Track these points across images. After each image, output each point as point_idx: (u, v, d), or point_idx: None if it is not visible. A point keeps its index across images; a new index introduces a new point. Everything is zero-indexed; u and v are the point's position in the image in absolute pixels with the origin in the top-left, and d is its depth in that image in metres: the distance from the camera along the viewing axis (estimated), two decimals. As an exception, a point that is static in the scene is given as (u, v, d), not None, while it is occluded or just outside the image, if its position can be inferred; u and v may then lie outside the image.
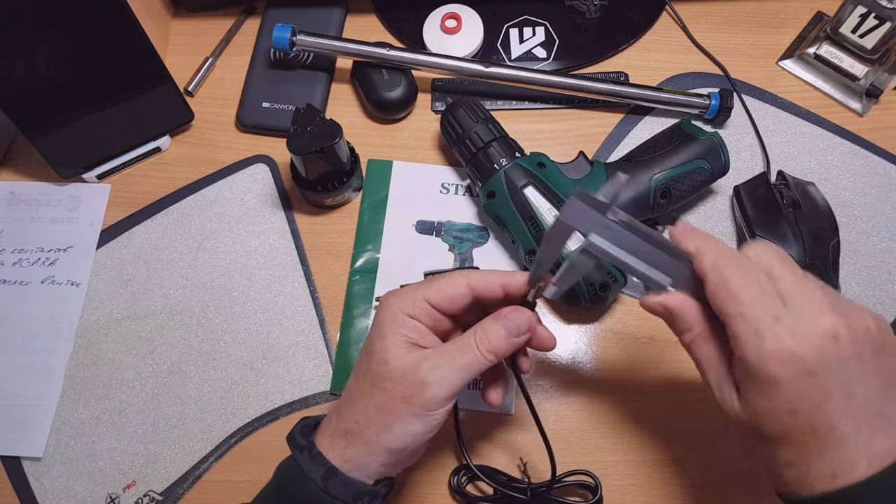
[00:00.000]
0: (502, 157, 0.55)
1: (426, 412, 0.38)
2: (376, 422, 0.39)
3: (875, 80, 0.62)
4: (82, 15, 0.53)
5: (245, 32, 0.69)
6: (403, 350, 0.39)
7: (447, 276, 0.41)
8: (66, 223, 0.61)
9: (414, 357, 0.39)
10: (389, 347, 0.39)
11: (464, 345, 0.39)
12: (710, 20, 0.67)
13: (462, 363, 0.39)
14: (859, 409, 0.33)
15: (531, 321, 0.41)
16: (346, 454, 0.39)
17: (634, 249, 0.38)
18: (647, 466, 0.52)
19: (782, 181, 0.58)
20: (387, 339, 0.39)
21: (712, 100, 0.61)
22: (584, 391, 0.54)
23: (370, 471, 0.39)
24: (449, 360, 0.39)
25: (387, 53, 0.61)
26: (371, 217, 0.60)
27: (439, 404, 0.38)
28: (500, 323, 0.40)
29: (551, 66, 0.65)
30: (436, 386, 0.38)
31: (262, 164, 0.63)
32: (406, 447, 0.39)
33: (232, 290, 0.58)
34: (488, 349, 0.39)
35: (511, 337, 0.40)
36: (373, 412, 0.39)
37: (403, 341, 0.39)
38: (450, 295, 0.41)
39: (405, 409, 0.38)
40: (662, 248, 0.38)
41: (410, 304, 0.40)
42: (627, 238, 0.38)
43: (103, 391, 0.55)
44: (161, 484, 0.52)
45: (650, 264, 0.38)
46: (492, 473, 0.50)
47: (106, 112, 0.58)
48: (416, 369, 0.38)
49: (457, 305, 0.41)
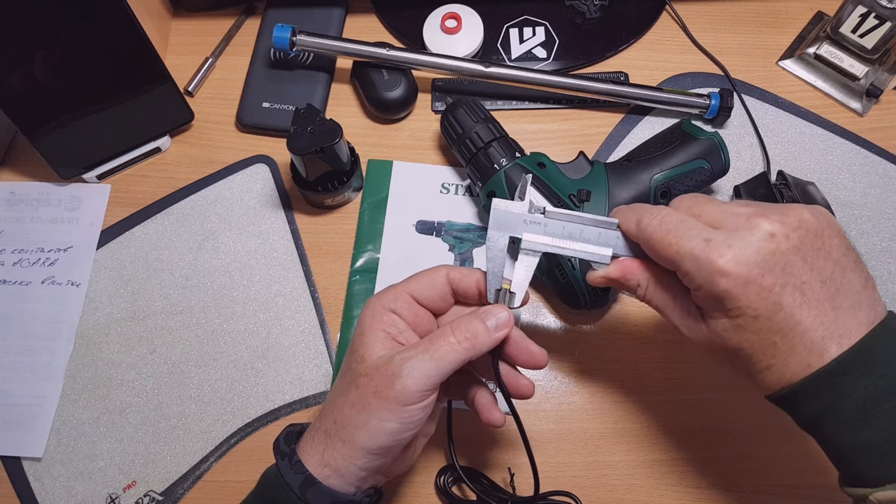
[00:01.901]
0: (502, 157, 0.55)
1: (399, 406, 0.37)
2: (351, 419, 0.38)
3: (875, 80, 0.62)
4: (82, 15, 0.53)
5: (245, 32, 0.69)
6: (380, 346, 0.39)
7: (428, 269, 0.42)
8: (67, 223, 0.61)
9: (389, 352, 0.38)
10: (367, 343, 0.39)
11: (436, 335, 0.39)
12: (710, 20, 0.67)
13: (435, 353, 0.37)
14: (815, 296, 0.35)
15: (510, 316, 0.40)
16: (326, 457, 0.38)
17: (568, 234, 0.40)
18: (647, 466, 0.52)
19: (782, 181, 0.58)
20: (366, 335, 0.39)
21: (712, 100, 0.61)
22: (584, 391, 0.54)
23: (350, 476, 0.38)
24: (421, 351, 0.38)
25: (387, 53, 0.61)
26: (371, 217, 0.60)
27: (412, 397, 0.37)
28: (475, 315, 0.39)
29: (551, 66, 0.65)
30: (406, 377, 0.37)
31: (262, 164, 0.63)
32: (382, 446, 0.38)
33: (232, 290, 0.58)
34: (463, 338, 0.38)
35: (489, 329, 0.39)
36: (348, 409, 0.38)
37: (382, 337, 0.39)
38: (429, 284, 0.41)
39: (377, 403, 0.37)
40: (593, 224, 0.40)
41: (392, 299, 0.40)
42: (557, 226, 0.40)
43: (103, 391, 0.55)
44: (161, 484, 0.52)
45: (586, 242, 0.40)
46: (476, 478, 0.50)
47: (106, 112, 0.58)
48: (388, 363, 0.38)
49: (437, 295, 0.41)
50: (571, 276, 0.52)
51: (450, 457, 0.49)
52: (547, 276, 0.54)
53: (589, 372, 0.55)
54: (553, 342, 0.56)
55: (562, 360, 0.55)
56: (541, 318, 0.57)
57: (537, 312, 0.57)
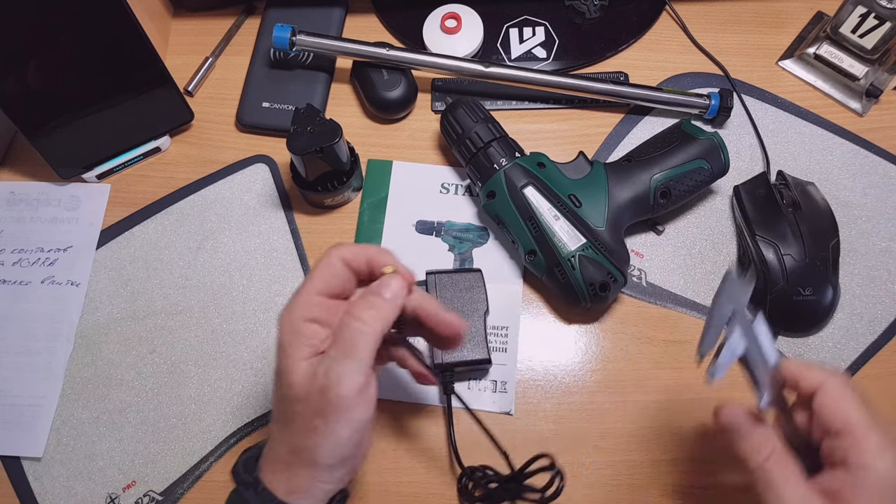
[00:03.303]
0: (502, 157, 0.55)
1: (343, 414, 0.36)
2: (306, 446, 0.37)
3: (875, 80, 0.62)
4: (82, 15, 0.53)
5: (245, 32, 0.69)
6: (305, 364, 0.37)
7: (322, 259, 0.39)
8: (66, 223, 0.61)
9: (310, 368, 0.37)
10: (291, 367, 0.37)
11: (342, 329, 0.37)
12: (710, 20, 0.67)
13: (349, 350, 0.36)
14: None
15: (405, 280, 0.39)
16: (291, 485, 0.38)
17: None
18: (648, 466, 0.52)
19: (782, 181, 0.58)
20: (290, 357, 0.37)
21: (712, 100, 0.61)
22: (585, 391, 0.54)
23: (320, 493, 0.38)
24: (334, 354, 0.37)
25: (387, 53, 0.61)
26: (371, 217, 0.60)
27: (351, 402, 0.36)
28: (367, 290, 0.39)
29: (551, 66, 0.65)
30: (336, 387, 0.36)
31: (262, 164, 0.63)
32: (345, 456, 0.38)
33: (232, 290, 0.58)
34: (366, 318, 0.37)
35: (386, 299, 0.38)
36: (298, 438, 0.37)
37: (306, 354, 0.37)
38: (331, 273, 0.39)
39: (323, 423, 0.36)
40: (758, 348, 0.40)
41: (305, 306, 0.38)
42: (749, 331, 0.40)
43: (103, 391, 0.55)
44: (161, 484, 0.52)
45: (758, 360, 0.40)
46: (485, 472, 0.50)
47: (106, 112, 0.58)
48: (312, 380, 0.36)
49: (341, 282, 0.39)
50: (571, 276, 0.52)
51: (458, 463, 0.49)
52: (547, 276, 0.54)
53: (589, 372, 0.55)
54: (553, 342, 0.56)
55: (562, 361, 0.55)
56: (541, 318, 0.57)
57: (537, 312, 0.57)
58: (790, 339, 0.55)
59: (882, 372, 0.54)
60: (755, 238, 0.55)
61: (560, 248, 0.52)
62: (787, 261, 0.53)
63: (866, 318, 0.55)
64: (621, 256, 0.53)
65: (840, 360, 0.54)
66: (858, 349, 0.55)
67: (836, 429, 0.37)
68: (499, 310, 0.55)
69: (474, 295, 0.54)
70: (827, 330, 0.55)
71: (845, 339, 0.55)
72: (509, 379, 0.54)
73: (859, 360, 0.54)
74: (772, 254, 0.54)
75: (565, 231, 0.52)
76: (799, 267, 0.53)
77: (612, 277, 0.52)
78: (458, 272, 0.55)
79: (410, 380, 0.54)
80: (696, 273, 0.57)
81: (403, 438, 0.53)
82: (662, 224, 0.59)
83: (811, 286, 0.53)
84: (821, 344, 0.55)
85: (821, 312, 0.55)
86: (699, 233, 0.59)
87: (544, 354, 0.55)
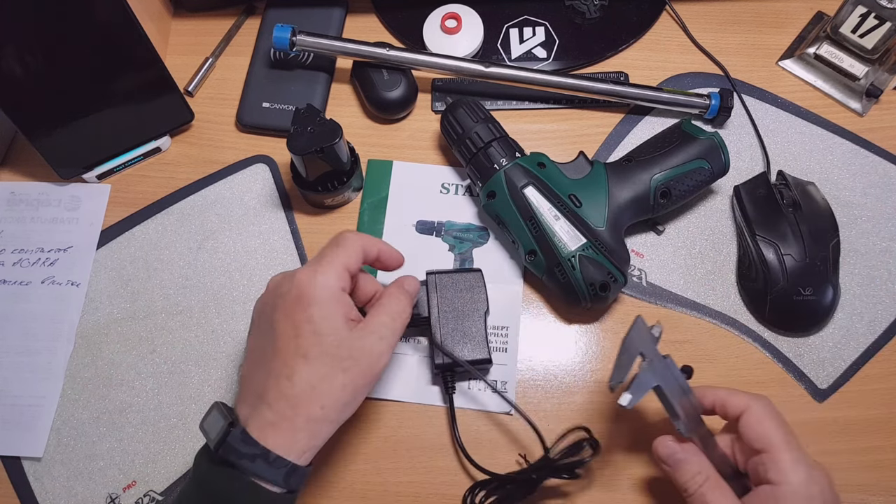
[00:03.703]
0: (502, 157, 0.55)
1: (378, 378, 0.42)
2: (342, 400, 0.40)
3: (875, 80, 0.62)
4: (82, 15, 0.53)
5: (245, 32, 0.69)
6: (347, 329, 0.41)
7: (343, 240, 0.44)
8: (66, 223, 0.61)
9: (361, 332, 0.41)
10: (340, 328, 0.41)
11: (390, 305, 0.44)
12: (710, 20, 0.67)
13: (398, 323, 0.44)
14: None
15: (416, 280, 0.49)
16: (311, 443, 0.40)
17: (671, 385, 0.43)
18: (648, 466, 0.52)
19: (782, 181, 0.58)
20: (333, 318, 0.41)
21: (712, 100, 0.61)
22: (585, 391, 0.54)
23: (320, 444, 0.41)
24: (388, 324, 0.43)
25: (387, 53, 0.61)
26: (371, 217, 0.60)
27: (386, 356, 0.42)
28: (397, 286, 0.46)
29: (551, 66, 0.65)
30: (386, 355, 0.42)
31: (262, 164, 0.63)
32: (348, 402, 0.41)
33: (232, 290, 0.58)
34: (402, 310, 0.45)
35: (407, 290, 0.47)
36: (339, 393, 0.40)
37: (344, 321, 0.41)
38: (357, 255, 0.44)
39: (368, 382, 0.41)
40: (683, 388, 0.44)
41: (340, 277, 0.42)
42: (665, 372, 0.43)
43: (103, 391, 0.55)
44: (161, 484, 0.52)
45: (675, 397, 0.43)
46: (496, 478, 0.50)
47: (106, 112, 0.58)
48: (365, 344, 0.41)
49: (359, 266, 0.45)
50: (571, 276, 0.52)
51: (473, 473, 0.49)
52: (547, 276, 0.54)
53: (589, 372, 0.55)
54: (553, 342, 0.56)
55: (562, 360, 0.55)
56: (541, 318, 0.57)
57: (537, 312, 0.57)
58: (790, 339, 0.55)
59: (882, 372, 0.54)
60: (755, 238, 0.55)
61: (560, 248, 0.52)
62: (787, 261, 0.53)
63: (866, 318, 0.55)
64: (621, 256, 0.53)
65: (840, 360, 0.54)
66: (858, 349, 0.55)
67: (757, 447, 0.41)
68: (499, 310, 0.55)
69: (474, 295, 0.54)
70: (827, 330, 0.55)
71: (845, 339, 0.55)
72: (509, 379, 0.54)
73: (859, 360, 0.54)
74: (772, 254, 0.54)
75: (565, 231, 0.52)
76: (799, 267, 0.53)
77: (613, 277, 0.52)
78: (459, 272, 0.55)
79: (410, 380, 0.54)
80: (696, 273, 0.57)
81: (403, 438, 0.53)
82: (662, 224, 0.59)
83: (811, 286, 0.53)
84: (821, 344, 0.55)
85: (821, 312, 0.55)
86: (699, 233, 0.59)
87: (544, 354, 0.55)
